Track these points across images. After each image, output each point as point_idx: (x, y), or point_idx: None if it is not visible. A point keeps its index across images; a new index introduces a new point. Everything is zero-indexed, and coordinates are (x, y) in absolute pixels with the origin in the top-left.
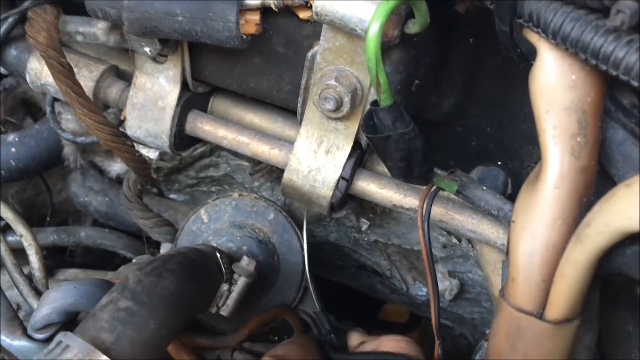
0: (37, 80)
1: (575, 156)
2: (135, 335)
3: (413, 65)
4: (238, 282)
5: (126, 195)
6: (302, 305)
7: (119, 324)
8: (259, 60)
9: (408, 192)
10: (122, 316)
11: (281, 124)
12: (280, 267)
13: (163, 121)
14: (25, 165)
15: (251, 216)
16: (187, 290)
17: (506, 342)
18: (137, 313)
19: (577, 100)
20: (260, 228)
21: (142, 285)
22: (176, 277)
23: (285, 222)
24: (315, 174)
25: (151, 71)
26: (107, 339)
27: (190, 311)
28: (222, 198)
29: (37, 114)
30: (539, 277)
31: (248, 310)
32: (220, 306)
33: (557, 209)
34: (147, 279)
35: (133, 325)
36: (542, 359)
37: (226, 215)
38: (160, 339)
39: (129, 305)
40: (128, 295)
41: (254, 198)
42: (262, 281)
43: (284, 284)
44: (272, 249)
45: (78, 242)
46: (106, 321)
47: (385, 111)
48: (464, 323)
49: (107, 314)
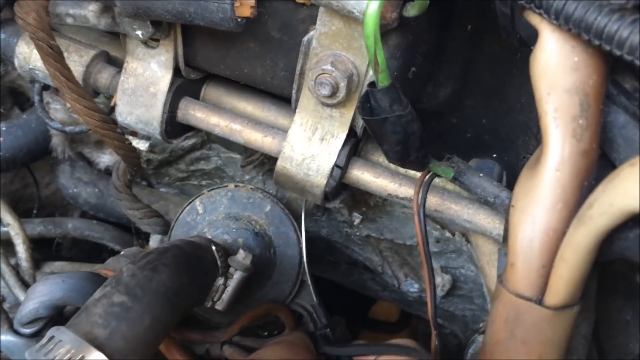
0: (26, 64)
1: (577, 139)
2: (129, 331)
3: (410, 51)
4: (234, 276)
5: (115, 185)
6: (299, 299)
7: (112, 319)
8: (254, 45)
9: (403, 182)
10: (116, 311)
11: (275, 113)
12: (276, 260)
13: (154, 107)
14: (12, 156)
15: (247, 208)
16: (182, 285)
17: (505, 329)
18: (131, 308)
19: (579, 83)
20: (256, 220)
21: (137, 280)
22: (171, 272)
23: (282, 214)
24: (309, 162)
25: (143, 56)
26: (101, 335)
27: (185, 306)
28: (217, 189)
29: (25, 104)
30: (539, 262)
31: (243, 304)
32: (216, 300)
33: (557, 193)
34: (141, 273)
35: (127, 321)
36: (541, 346)
37: (222, 206)
38: (154, 334)
39: (123, 300)
40: (122, 290)
41: (250, 189)
42: (258, 275)
43: (281, 278)
44: (269, 241)
45: (65, 233)
46: (100, 316)
47: (382, 92)
48: (455, 320)
49: (101, 309)
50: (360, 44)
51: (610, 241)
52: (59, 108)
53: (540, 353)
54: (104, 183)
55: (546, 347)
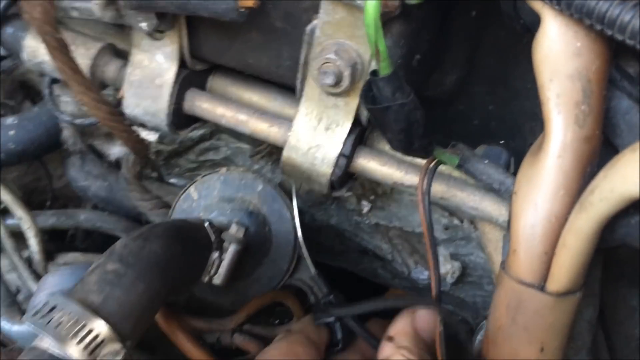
0: (34, 58)
1: (580, 125)
2: (123, 296)
3: (414, 39)
4: (228, 249)
5: (125, 176)
6: (297, 275)
7: (106, 285)
8: (257, 35)
9: (409, 170)
10: (110, 278)
11: (280, 103)
12: (272, 238)
13: (161, 99)
14: (24, 149)
15: (240, 189)
16: (174, 254)
17: (506, 316)
18: (124, 274)
19: (582, 68)
20: (249, 200)
21: (129, 249)
22: (163, 241)
23: (274, 192)
24: (314, 151)
25: (148, 48)
26: (96, 300)
27: (179, 275)
28: (210, 174)
29: (35, 97)
30: (541, 249)
31: (243, 284)
32: (213, 274)
33: (560, 179)
34: (133, 243)
35: (121, 287)
36: (543, 332)
37: (215, 190)
38: (148, 301)
39: (116, 268)
40: (115, 259)
41: (242, 171)
42: (255, 252)
43: (277, 255)
44: (263, 219)
45: (77, 225)
46: (94, 283)
47: (384, 81)
48: (465, 307)
49: (95, 277)
50: (363, 33)
51: (612, 227)
52: (68, 101)
53: (542, 339)
54: (114, 177)
55: (548, 334)
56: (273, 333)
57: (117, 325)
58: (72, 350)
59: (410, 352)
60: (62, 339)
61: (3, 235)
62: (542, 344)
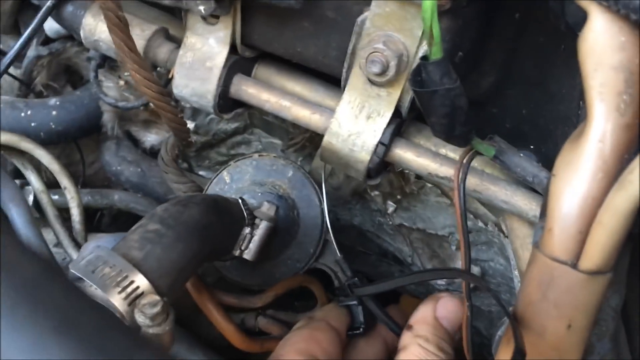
0: (91, 36)
1: (621, 113)
2: (163, 254)
3: (459, 36)
4: (260, 225)
5: (163, 158)
6: (322, 259)
7: (147, 242)
8: (308, 24)
9: (444, 162)
10: (151, 236)
11: (322, 94)
12: (300, 222)
13: (209, 81)
14: (65, 129)
15: (271, 174)
16: (210, 221)
17: (538, 291)
18: (164, 234)
19: (626, 61)
20: (280, 185)
21: (169, 212)
22: (201, 208)
23: (304, 179)
24: (354, 138)
25: (202, 32)
26: (137, 256)
27: (213, 242)
28: (243, 159)
29: (77, 82)
30: (576, 228)
31: (271, 264)
32: (243, 249)
33: (599, 163)
34: (174, 207)
35: (161, 245)
36: (572, 309)
37: (247, 174)
38: (186, 261)
39: (158, 228)
40: (156, 220)
41: (274, 157)
42: (283, 235)
43: (305, 238)
44: (292, 204)
45: (111, 204)
46: (135, 241)
47: (434, 65)
48: (480, 316)
49: (137, 235)
50: (412, 26)
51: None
52: (111, 86)
53: (570, 316)
54: (147, 164)
55: (577, 312)
56: (295, 319)
57: (156, 280)
58: (114, 299)
59: (427, 341)
60: (105, 288)
61: (46, 202)
62: (570, 321)
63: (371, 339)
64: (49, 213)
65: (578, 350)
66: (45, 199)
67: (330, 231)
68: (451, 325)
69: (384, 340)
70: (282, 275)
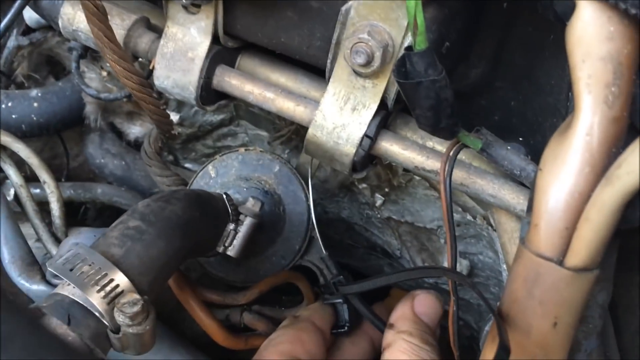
0: (69, 25)
1: (609, 105)
2: (143, 252)
3: (445, 26)
4: (244, 222)
5: (146, 151)
6: (308, 256)
7: (128, 239)
8: (292, 14)
9: (430, 155)
10: (131, 233)
11: (307, 85)
12: (286, 217)
13: (191, 72)
14: (46, 121)
15: (257, 169)
16: (193, 217)
17: (523, 288)
18: (145, 231)
19: (614, 52)
20: (265, 180)
21: (151, 208)
22: (183, 204)
23: (290, 174)
24: (339, 130)
25: (183, 21)
26: (117, 253)
27: (196, 239)
28: (229, 153)
29: (60, 73)
30: (562, 224)
31: (255, 260)
32: (227, 246)
33: (586, 157)
34: (155, 203)
35: (142, 242)
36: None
37: (233, 169)
38: (167, 258)
39: (138, 225)
40: (137, 216)
41: (260, 152)
42: (269, 231)
43: (291, 234)
44: (278, 199)
45: (94, 198)
46: (116, 238)
47: (418, 56)
48: (470, 310)
49: (117, 232)
50: (397, 15)
51: (635, 206)
52: (93, 77)
53: (556, 314)
54: (131, 157)
55: (563, 309)
56: (281, 315)
57: (136, 278)
58: (92, 298)
59: (411, 335)
60: (83, 286)
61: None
62: (556, 319)
63: (357, 337)
64: (28, 207)
65: (564, 348)
66: (24, 193)
67: (316, 228)
68: (430, 320)
69: (370, 338)
70: (267, 271)
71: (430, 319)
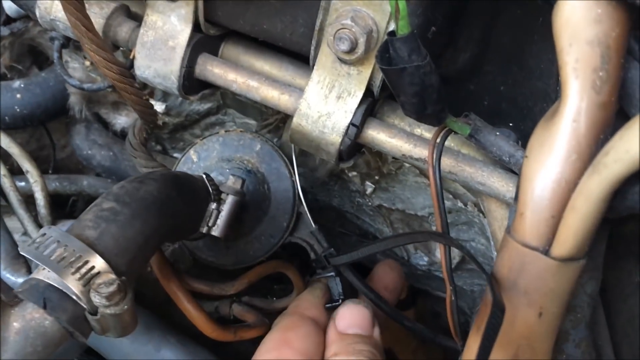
0: (47, 15)
1: (596, 91)
2: (119, 232)
3: (431, 10)
4: (226, 201)
5: (131, 142)
6: (297, 233)
7: (102, 221)
8: (275, 0)
9: (418, 143)
10: (106, 215)
11: (292, 72)
12: (271, 196)
13: (173, 61)
14: (30, 113)
15: (239, 150)
16: (170, 197)
17: (508, 278)
18: (120, 212)
19: (602, 35)
20: (248, 159)
21: (125, 190)
22: (159, 184)
23: (272, 152)
24: (325, 119)
25: (163, 9)
26: (91, 235)
27: (174, 218)
28: (209, 137)
29: (43, 63)
30: (548, 213)
31: (244, 241)
32: (211, 226)
33: (573, 144)
34: (130, 184)
35: (116, 223)
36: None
37: (214, 152)
38: (144, 238)
39: (112, 206)
40: (111, 198)
41: (240, 132)
42: (255, 210)
43: (277, 212)
44: (262, 178)
45: (80, 190)
46: (90, 220)
47: (401, 41)
48: (463, 296)
49: (91, 215)
50: (380, 0)
51: (623, 195)
52: (77, 67)
53: (541, 304)
54: (119, 147)
55: (548, 299)
56: (271, 305)
57: (112, 259)
58: (68, 281)
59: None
60: (58, 270)
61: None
62: (542, 309)
63: None
64: (12, 198)
65: (550, 338)
66: (8, 183)
67: (303, 203)
68: (360, 326)
69: None
70: (257, 252)
71: (359, 326)
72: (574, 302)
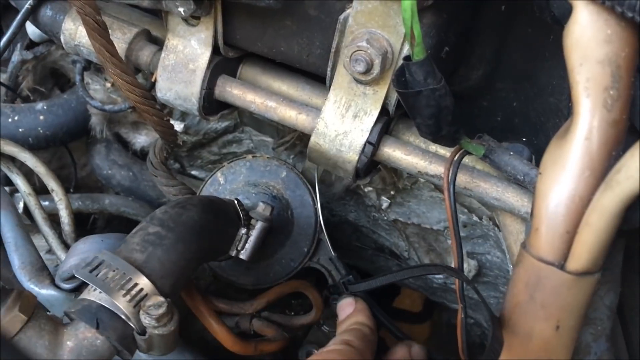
0: (71, 40)
1: (607, 109)
2: (164, 256)
3: (444, 30)
4: (255, 226)
5: (152, 161)
6: (316, 258)
7: (149, 245)
8: (291, 23)
9: (434, 160)
10: (152, 239)
11: (308, 92)
12: (294, 221)
13: (193, 84)
14: (53, 134)
15: (265, 175)
16: (209, 221)
17: (525, 293)
18: (165, 236)
19: (612, 54)
20: (273, 185)
21: (169, 215)
22: (199, 209)
23: (297, 179)
24: (342, 138)
25: (183, 33)
26: (139, 258)
27: (211, 242)
28: (237, 160)
29: (65, 85)
30: (563, 228)
31: (265, 263)
32: (240, 249)
33: (585, 161)
34: (172, 210)
35: (162, 247)
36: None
37: (241, 175)
38: (186, 261)
39: (158, 230)
40: (156, 222)
41: (267, 158)
42: (278, 234)
43: (299, 237)
44: (286, 203)
45: (102, 209)
46: (137, 243)
47: (417, 66)
48: (479, 309)
49: (138, 238)
50: (395, 22)
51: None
52: (98, 89)
53: (558, 317)
54: (138, 167)
55: (565, 312)
56: (290, 322)
57: (159, 281)
58: (119, 302)
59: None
60: (110, 291)
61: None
62: (558, 322)
63: None
64: (37, 216)
65: (567, 351)
66: (32, 202)
67: (324, 230)
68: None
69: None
70: (277, 274)
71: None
72: (594, 314)
